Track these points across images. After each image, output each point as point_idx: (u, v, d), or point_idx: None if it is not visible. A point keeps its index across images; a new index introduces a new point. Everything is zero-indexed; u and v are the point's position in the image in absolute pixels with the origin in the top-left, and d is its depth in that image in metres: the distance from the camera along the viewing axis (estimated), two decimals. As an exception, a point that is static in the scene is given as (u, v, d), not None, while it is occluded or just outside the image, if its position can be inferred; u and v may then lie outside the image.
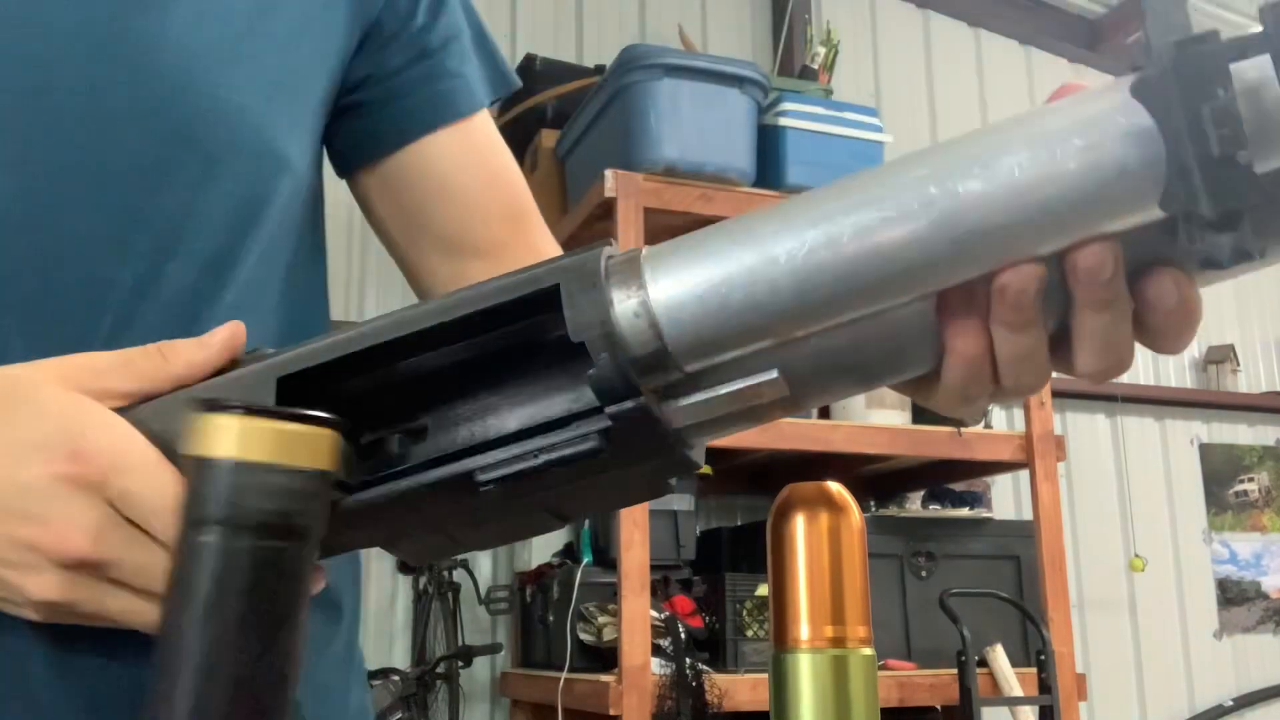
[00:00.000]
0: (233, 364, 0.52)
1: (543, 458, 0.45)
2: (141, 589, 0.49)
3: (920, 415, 2.98)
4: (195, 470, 0.40)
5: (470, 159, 0.83)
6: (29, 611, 0.50)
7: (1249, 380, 4.46)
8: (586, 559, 2.74)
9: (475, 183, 0.83)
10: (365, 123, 0.80)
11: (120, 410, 0.50)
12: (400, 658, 3.20)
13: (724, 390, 0.45)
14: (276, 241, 0.71)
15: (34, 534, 0.47)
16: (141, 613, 0.49)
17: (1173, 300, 0.43)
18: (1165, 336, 0.44)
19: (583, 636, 2.64)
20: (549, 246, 0.88)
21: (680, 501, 2.81)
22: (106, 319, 0.62)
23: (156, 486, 0.47)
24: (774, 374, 0.45)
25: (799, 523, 0.47)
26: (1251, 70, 0.38)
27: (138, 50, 0.64)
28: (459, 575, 3.08)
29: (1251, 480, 4.35)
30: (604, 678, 2.46)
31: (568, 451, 0.45)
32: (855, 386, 0.49)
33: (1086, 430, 4.11)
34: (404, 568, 3.23)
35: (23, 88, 0.62)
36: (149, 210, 0.64)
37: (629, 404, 0.44)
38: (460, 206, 0.82)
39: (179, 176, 0.65)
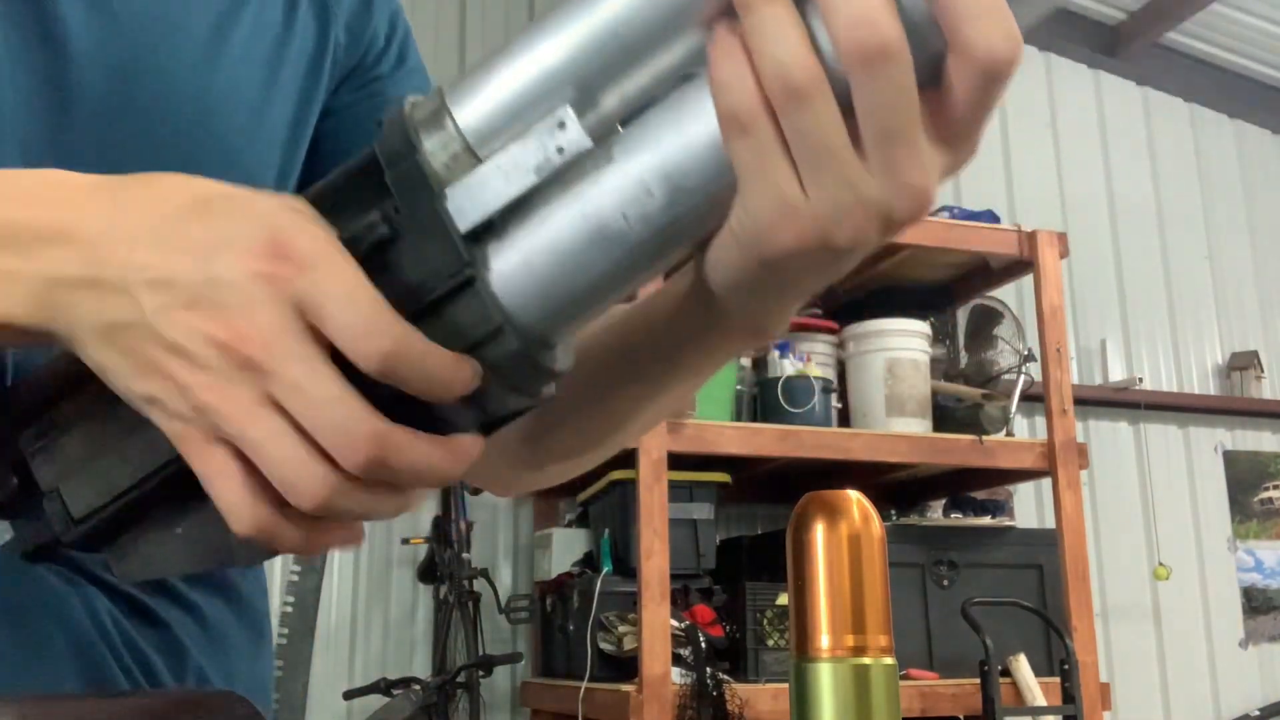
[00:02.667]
0: None
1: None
2: (295, 412, 0.43)
3: (941, 423, 2.97)
4: None
5: None
6: (175, 424, 0.45)
7: (1273, 387, 4.42)
8: (606, 568, 2.74)
9: None
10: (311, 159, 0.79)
11: None
12: (421, 667, 3.20)
13: (510, 150, 0.43)
14: None
15: (215, 328, 0.43)
16: (285, 450, 0.43)
17: None
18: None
19: (603, 646, 2.64)
20: None
21: (700, 510, 2.80)
22: None
23: (351, 299, 0.43)
24: (566, 109, 0.42)
25: (819, 531, 0.47)
26: None
27: (160, 89, 0.65)
28: (479, 585, 3.08)
29: (1277, 488, 4.31)
30: (624, 687, 2.45)
31: (358, 251, 0.43)
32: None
33: (1109, 438, 4.08)
34: (424, 576, 3.24)
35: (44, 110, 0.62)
36: None
37: (406, 162, 0.43)
38: None
39: None
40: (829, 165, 0.40)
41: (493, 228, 0.43)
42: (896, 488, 3.24)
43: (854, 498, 0.48)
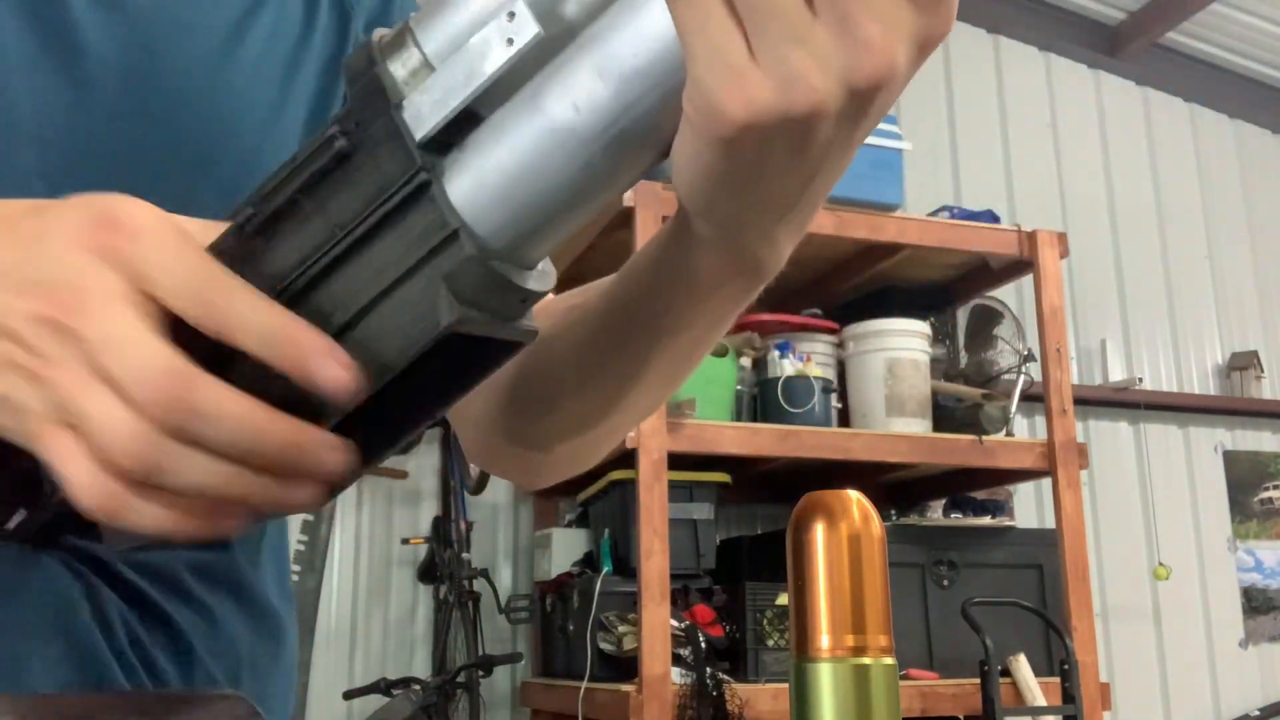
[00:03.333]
0: None
1: (287, 171, 0.43)
2: (103, 367, 0.41)
3: (941, 423, 2.97)
4: None
5: None
6: (29, 421, 0.43)
7: (1273, 387, 4.42)
8: (606, 568, 2.74)
9: None
10: None
11: None
12: (421, 667, 3.20)
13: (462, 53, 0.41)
14: None
15: (40, 305, 0.41)
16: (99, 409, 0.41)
17: None
18: None
19: (603, 646, 2.64)
20: None
21: (700, 510, 2.80)
22: None
23: (180, 259, 0.42)
24: (518, 1, 0.41)
25: (819, 531, 0.47)
26: None
27: (177, 93, 0.66)
28: (479, 585, 3.09)
29: (1277, 488, 4.31)
30: (624, 687, 2.45)
31: (315, 165, 0.43)
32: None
33: (1109, 438, 4.08)
34: (424, 577, 3.24)
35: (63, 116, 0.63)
36: None
37: (365, 77, 0.42)
38: None
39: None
40: (776, 20, 0.37)
41: (451, 137, 0.42)
42: (896, 488, 3.24)
43: (854, 498, 0.48)
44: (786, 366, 2.82)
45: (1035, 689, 2.66)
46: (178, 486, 0.42)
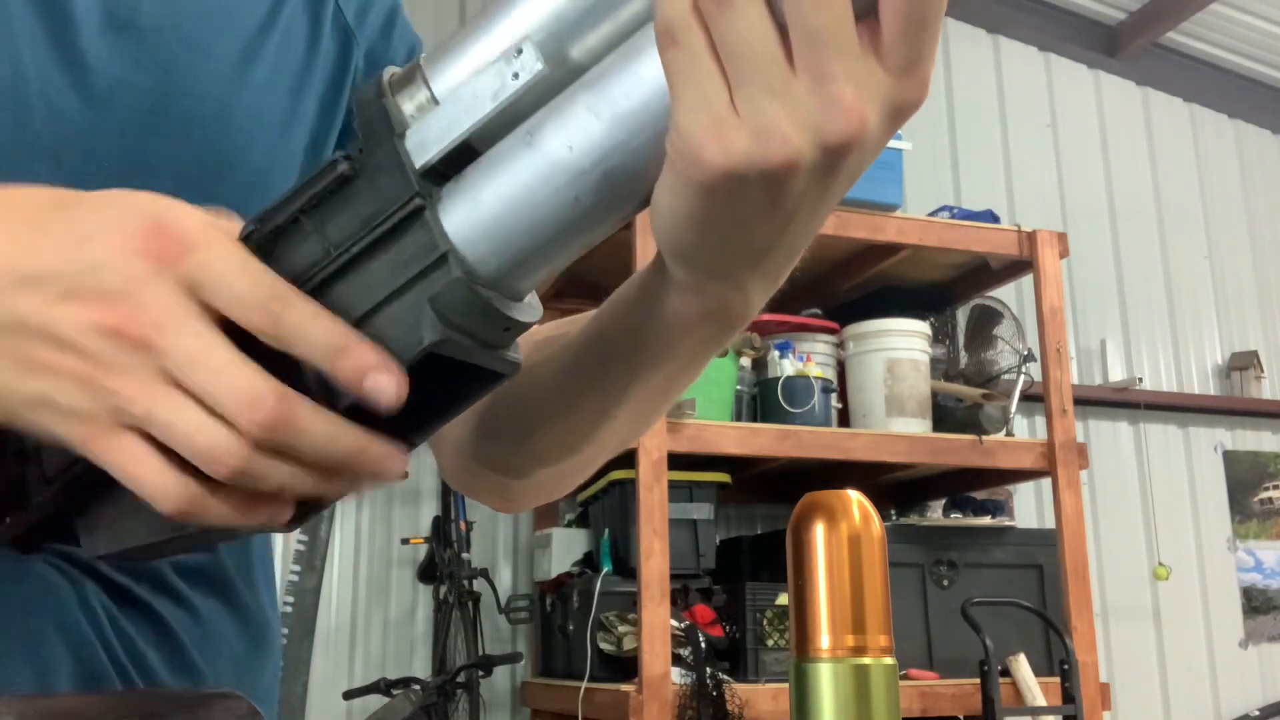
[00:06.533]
0: None
1: (298, 202, 0.45)
2: (194, 383, 0.43)
3: (941, 423, 2.97)
4: None
5: None
6: (71, 423, 0.44)
7: (1273, 387, 4.42)
8: (606, 568, 2.74)
9: None
10: None
11: None
12: (421, 667, 3.20)
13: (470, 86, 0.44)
14: None
15: (100, 315, 0.42)
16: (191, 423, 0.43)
17: None
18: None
19: (603, 646, 2.64)
20: None
21: (700, 510, 2.80)
22: None
23: (242, 270, 0.43)
24: (526, 40, 0.43)
25: (819, 531, 0.47)
26: None
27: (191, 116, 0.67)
28: (479, 585, 3.08)
29: (1277, 488, 4.31)
30: (624, 687, 2.45)
31: (318, 187, 0.44)
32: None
33: (1109, 438, 4.08)
34: (424, 577, 3.24)
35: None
36: None
37: (372, 107, 0.44)
38: None
39: None
40: (756, 73, 0.39)
41: (450, 169, 0.44)
42: (896, 488, 3.24)
43: (854, 498, 0.48)
44: (786, 366, 2.82)
45: (1035, 689, 2.66)
46: (258, 490, 0.45)
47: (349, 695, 2.94)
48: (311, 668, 2.99)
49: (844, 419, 2.98)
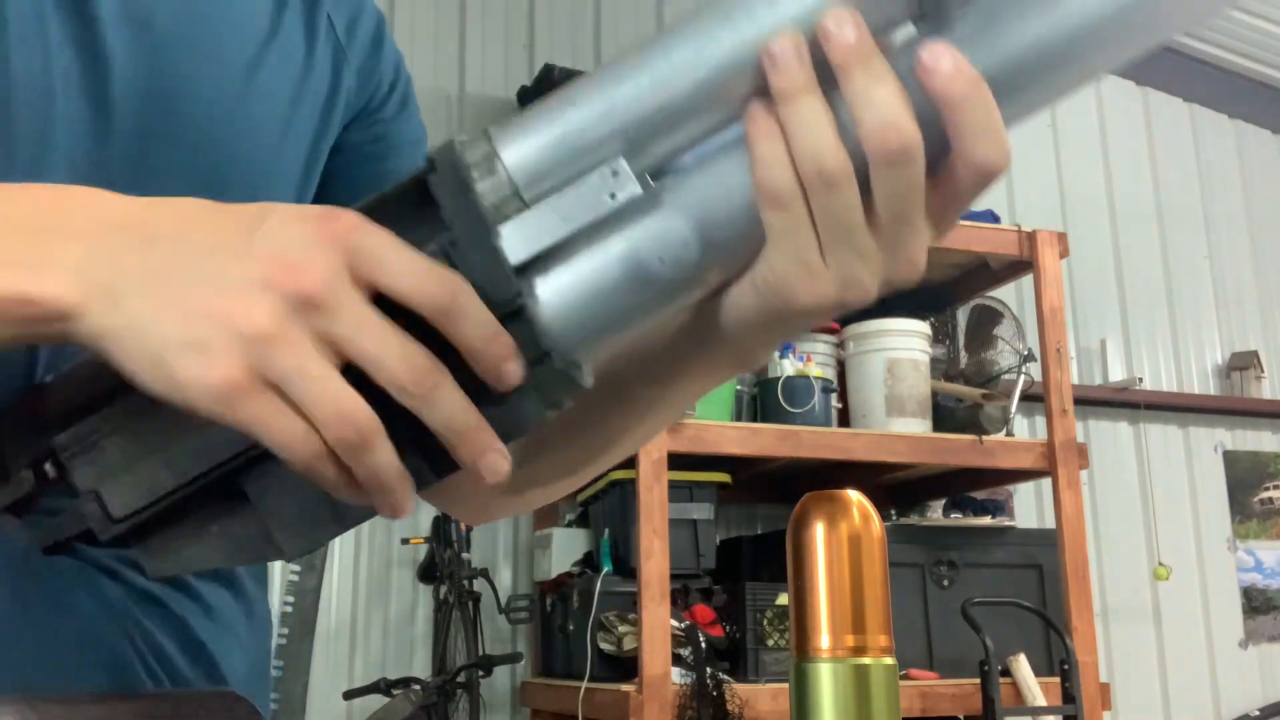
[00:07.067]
0: None
1: None
2: (357, 347, 0.44)
3: (941, 423, 2.97)
4: None
5: None
6: (217, 370, 0.44)
7: (1273, 387, 4.42)
8: (606, 568, 2.74)
9: None
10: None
11: None
12: (421, 667, 3.20)
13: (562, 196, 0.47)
14: None
15: (271, 270, 0.44)
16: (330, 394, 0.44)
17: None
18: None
19: (603, 646, 2.64)
20: None
21: (700, 510, 2.80)
22: None
23: (405, 251, 0.46)
24: (620, 160, 0.46)
25: (819, 531, 0.47)
26: None
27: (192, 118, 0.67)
28: (479, 584, 3.08)
29: (1277, 488, 4.31)
30: (624, 687, 2.45)
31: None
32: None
33: (1109, 438, 4.08)
34: (424, 577, 3.24)
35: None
36: None
37: (461, 199, 0.46)
38: None
39: None
40: (849, 240, 0.46)
41: (538, 261, 0.47)
42: (896, 488, 3.24)
43: (854, 498, 0.48)
44: (786, 366, 2.82)
45: (1035, 689, 2.66)
46: (367, 464, 0.46)
47: (349, 695, 2.94)
48: (311, 668, 2.99)
49: (844, 419, 2.98)
